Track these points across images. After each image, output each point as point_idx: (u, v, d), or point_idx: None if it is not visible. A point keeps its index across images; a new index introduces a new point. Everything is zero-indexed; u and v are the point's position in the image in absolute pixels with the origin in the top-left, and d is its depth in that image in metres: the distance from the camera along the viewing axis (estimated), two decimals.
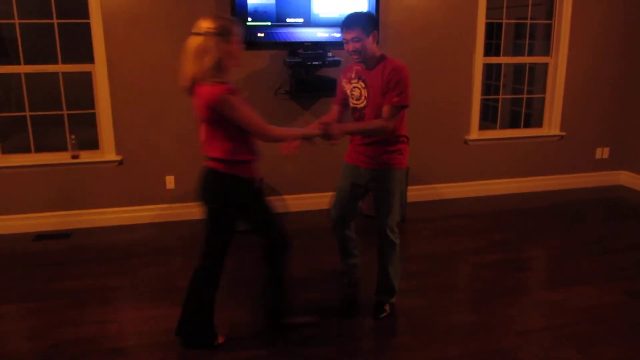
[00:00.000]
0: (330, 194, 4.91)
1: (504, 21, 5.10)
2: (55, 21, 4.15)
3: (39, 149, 4.40)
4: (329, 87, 4.37)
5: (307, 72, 4.38)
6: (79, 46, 4.35)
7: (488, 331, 2.93)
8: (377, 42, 2.88)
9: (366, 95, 2.90)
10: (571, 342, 2.81)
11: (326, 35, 4.36)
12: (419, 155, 4.98)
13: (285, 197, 4.82)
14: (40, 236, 4.27)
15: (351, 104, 3.01)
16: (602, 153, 5.61)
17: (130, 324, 3.01)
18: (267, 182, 4.65)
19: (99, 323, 2.99)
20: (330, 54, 4.35)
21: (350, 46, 2.83)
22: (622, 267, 3.72)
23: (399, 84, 2.76)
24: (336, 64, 4.35)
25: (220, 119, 2.48)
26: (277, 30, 4.25)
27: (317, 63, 4.27)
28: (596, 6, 5.13)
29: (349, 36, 2.80)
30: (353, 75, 2.98)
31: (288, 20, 4.24)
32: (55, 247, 4.08)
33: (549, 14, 5.17)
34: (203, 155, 2.63)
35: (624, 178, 5.66)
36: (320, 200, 4.91)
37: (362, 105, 2.94)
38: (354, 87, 2.97)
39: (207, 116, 2.49)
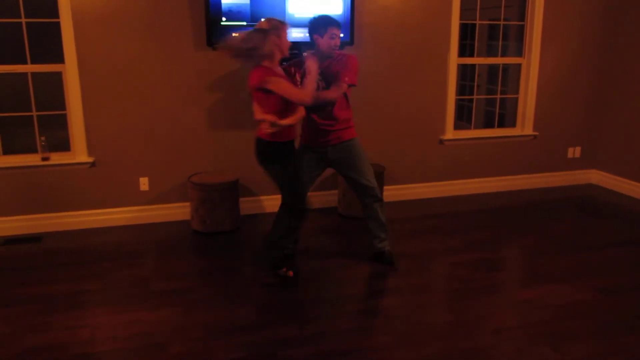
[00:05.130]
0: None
1: (478, 22, 5.16)
2: (23, 20, 4.05)
3: (8, 151, 4.29)
4: None
5: None
6: (48, 46, 4.26)
7: (463, 330, 2.95)
8: None
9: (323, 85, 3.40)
10: (545, 339, 2.85)
11: (301, 35, 4.33)
12: (395, 155, 5.01)
13: (261, 197, 4.79)
14: (10, 240, 4.16)
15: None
16: (574, 152, 5.71)
17: (102, 329, 2.95)
18: (242, 183, 4.62)
19: (70, 328, 2.93)
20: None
21: (338, 41, 3.37)
22: (593, 264, 3.79)
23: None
24: None
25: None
26: None
27: None
28: (568, 7, 5.22)
29: (339, 33, 3.38)
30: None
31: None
32: (25, 252, 3.98)
33: (522, 16, 5.25)
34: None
35: (595, 177, 5.77)
36: None
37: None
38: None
39: None
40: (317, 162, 3.57)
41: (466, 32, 5.37)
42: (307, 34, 3.47)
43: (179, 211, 4.59)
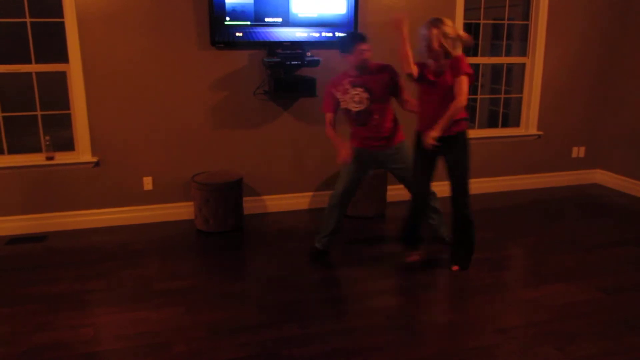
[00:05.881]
0: (310, 194, 4.93)
1: (482, 22, 5.15)
2: (28, 20, 4.06)
3: (13, 151, 4.31)
4: (308, 87, 4.37)
5: (286, 72, 4.36)
6: (53, 46, 4.27)
7: (467, 329, 2.95)
8: None
9: (367, 96, 3.51)
10: (548, 339, 2.84)
11: (305, 35, 4.34)
12: None
13: (265, 197, 4.80)
14: (14, 240, 4.18)
15: (353, 109, 3.57)
16: (578, 152, 5.69)
17: (106, 328, 2.95)
18: (246, 182, 4.63)
19: (74, 327, 2.93)
20: (309, 54, 4.34)
21: (367, 54, 3.50)
22: (597, 264, 3.78)
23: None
24: (315, 63, 4.34)
25: None
26: (256, 30, 4.22)
27: (296, 63, 4.26)
28: (572, 7, 5.21)
29: (367, 47, 3.51)
30: (349, 86, 3.56)
31: (267, 19, 4.22)
32: (29, 251, 4.00)
33: (526, 15, 5.24)
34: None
35: (599, 177, 5.76)
36: (300, 201, 4.91)
37: (366, 105, 3.54)
38: (354, 94, 3.54)
39: None
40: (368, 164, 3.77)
41: (470, 31, 5.35)
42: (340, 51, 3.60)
43: (182, 211, 4.60)
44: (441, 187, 4.00)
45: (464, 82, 3.24)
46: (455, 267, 3.63)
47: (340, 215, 3.76)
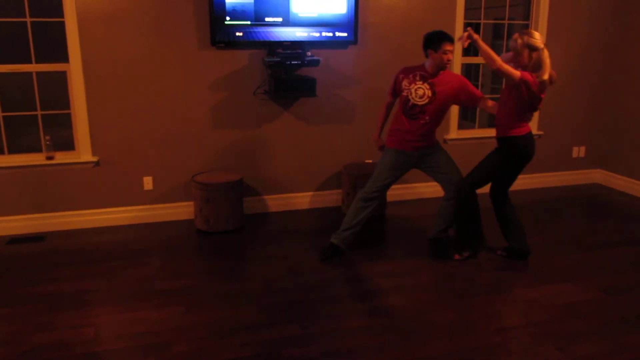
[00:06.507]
0: (310, 194, 4.92)
1: (482, 21, 5.14)
2: (28, 20, 4.06)
3: (13, 151, 4.31)
4: (308, 87, 4.36)
5: (286, 71, 4.35)
6: (53, 45, 4.27)
7: (467, 329, 2.95)
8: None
9: (430, 94, 3.57)
10: (549, 338, 2.84)
11: (305, 34, 4.34)
12: None
13: (265, 197, 4.80)
14: (14, 240, 4.18)
15: (411, 101, 3.62)
16: (579, 152, 5.69)
17: (106, 328, 2.95)
18: (246, 182, 4.63)
19: (75, 327, 2.93)
20: (309, 54, 4.34)
21: (450, 56, 3.51)
22: (598, 264, 3.78)
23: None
24: (315, 63, 4.34)
25: None
26: (256, 30, 4.22)
27: (296, 63, 4.25)
28: (573, 7, 5.21)
29: (452, 49, 3.52)
30: (418, 78, 3.61)
31: (267, 19, 4.22)
32: (29, 251, 3.99)
33: (527, 15, 5.23)
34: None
35: (600, 176, 5.76)
36: (300, 201, 4.90)
37: (424, 102, 3.59)
38: (419, 87, 3.59)
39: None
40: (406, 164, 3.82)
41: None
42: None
43: (182, 210, 4.60)
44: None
45: (522, 74, 3.30)
46: (456, 256, 3.68)
47: (366, 214, 3.78)
